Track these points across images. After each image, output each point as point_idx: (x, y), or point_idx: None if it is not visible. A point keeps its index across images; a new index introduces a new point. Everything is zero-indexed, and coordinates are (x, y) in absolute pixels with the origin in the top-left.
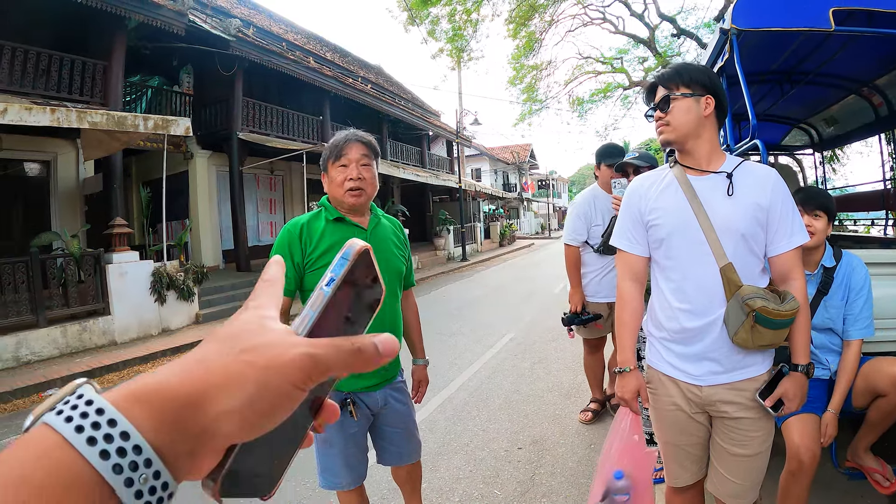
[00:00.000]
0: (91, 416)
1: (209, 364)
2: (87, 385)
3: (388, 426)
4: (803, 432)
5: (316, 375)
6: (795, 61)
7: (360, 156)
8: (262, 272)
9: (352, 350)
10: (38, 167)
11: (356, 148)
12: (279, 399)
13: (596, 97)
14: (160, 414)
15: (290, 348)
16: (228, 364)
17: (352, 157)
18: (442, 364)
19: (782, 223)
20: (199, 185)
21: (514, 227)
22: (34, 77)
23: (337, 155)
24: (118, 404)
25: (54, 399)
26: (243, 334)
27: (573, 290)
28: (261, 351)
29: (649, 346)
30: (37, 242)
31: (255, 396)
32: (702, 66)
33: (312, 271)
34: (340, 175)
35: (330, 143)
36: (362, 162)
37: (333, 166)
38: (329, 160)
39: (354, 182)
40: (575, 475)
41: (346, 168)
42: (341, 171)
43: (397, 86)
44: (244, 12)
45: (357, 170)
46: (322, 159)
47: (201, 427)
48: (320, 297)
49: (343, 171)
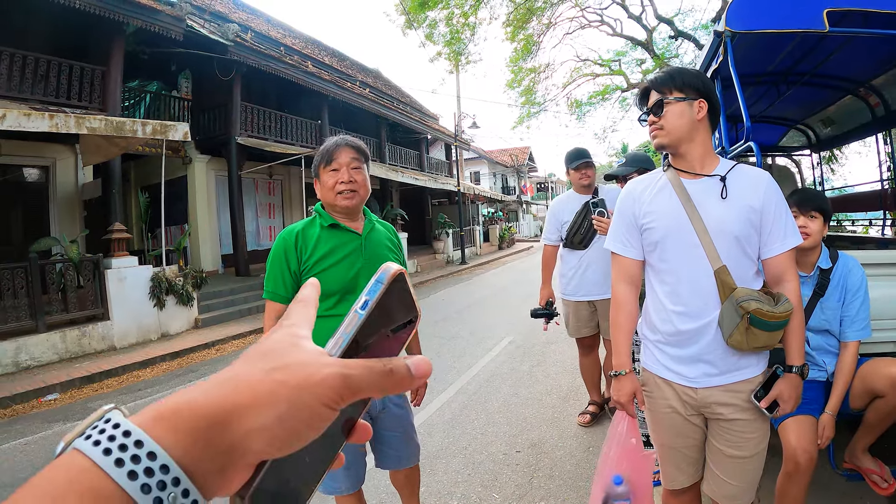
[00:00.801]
0: (118, 439)
1: (239, 382)
2: (115, 410)
3: (386, 430)
4: (800, 434)
5: (348, 396)
6: (791, 62)
7: (350, 159)
8: (297, 293)
9: (384, 371)
10: (37, 172)
11: (346, 152)
12: (310, 418)
13: (594, 100)
14: (187, 432)
15: (322, 368)
16: (259, 382)
17: (342, 161)
18: (441, 367)
19: (776, 225)
20: (197, 189)
21: (514, 230)
22: (33, 83)
23: (328, 160)
24: (145, 425)
25: (84, 425)
26: (275, 353)
27: (542, 285)
28: (293, 370)
29: (644, 348)
30: (36, 248)
31: (285, 415)
32: (694, 71)
33: (308, 278)
34: (332, 179)
35: (321, 150)
36: (353, 165)
37: (325, 171)
38: (320, 166)
39: (346, 185)
40: (573, 478)
41: (337, 172)
42: (332, 175)
43: (395, 89)
44: (242, 17)
45: (348, 173)
46: (314, 166)
47: (230, 444)
48: (354, 319)
49: (334, 175)
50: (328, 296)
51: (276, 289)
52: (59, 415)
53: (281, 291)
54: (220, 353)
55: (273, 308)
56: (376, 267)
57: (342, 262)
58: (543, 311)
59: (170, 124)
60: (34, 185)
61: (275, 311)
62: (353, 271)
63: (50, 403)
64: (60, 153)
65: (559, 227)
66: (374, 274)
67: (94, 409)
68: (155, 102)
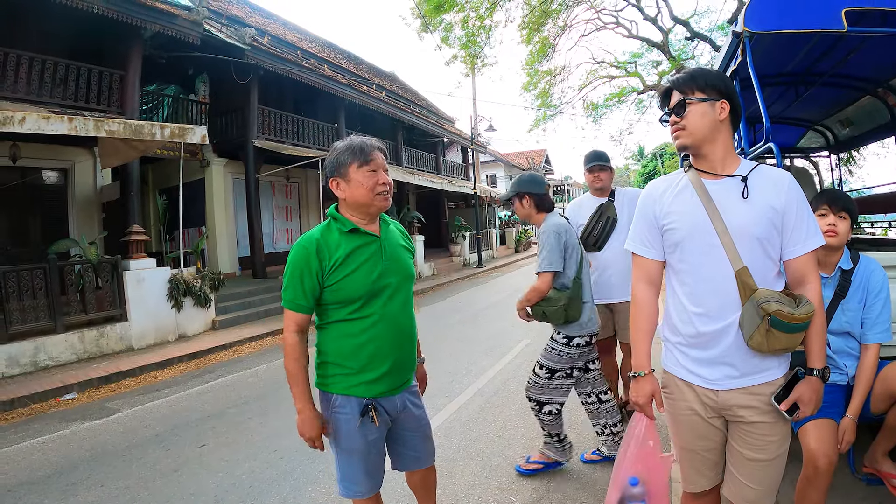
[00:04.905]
0: None
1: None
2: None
3: (407, 430)
4: (820, 438)
5: None
6: (809, 63)
7: (384, 163)
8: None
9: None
10: (57, 175)
11: (381, 155)
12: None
13: (610, 102)
14: None
15: None
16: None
17: (379, 162)
18: (458, 370)
19: (798, 226)
20: (215, 192)
21: (530, 233)
22: (52, 86)
23: (365, 159)
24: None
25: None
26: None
27: None
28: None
29: (665, 350)
30: (55, 249)
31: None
32: (716, 71)
33: (330, 285)
34: (370, 180)
35: (347, 149)
36: (385, 168)
37: (360, 171)
38: (352, 164)
39: (384, 186)
40: (591, 482)
41: (375, 173)
42: (371, 175)
43: (411, 92)
44: (259, 21)
45: (386, 175)
46: (338, 164)
47: None
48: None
49: (373, 176)
50: (353, 301)
51: (296, 298)
52: (76, 414)
53: (301, 301)
54: (237, 354)
55: (293, 318)
56: (396, 268)
57: (364, 265)
58: None
59: (187, 127)
60: (53, 187)
61: (295, 320)
62: (374, 274)
63: (68, 403)
64: (79, 156)
65: (575, 230)
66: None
67: (112, 409)
68: (173, 106)
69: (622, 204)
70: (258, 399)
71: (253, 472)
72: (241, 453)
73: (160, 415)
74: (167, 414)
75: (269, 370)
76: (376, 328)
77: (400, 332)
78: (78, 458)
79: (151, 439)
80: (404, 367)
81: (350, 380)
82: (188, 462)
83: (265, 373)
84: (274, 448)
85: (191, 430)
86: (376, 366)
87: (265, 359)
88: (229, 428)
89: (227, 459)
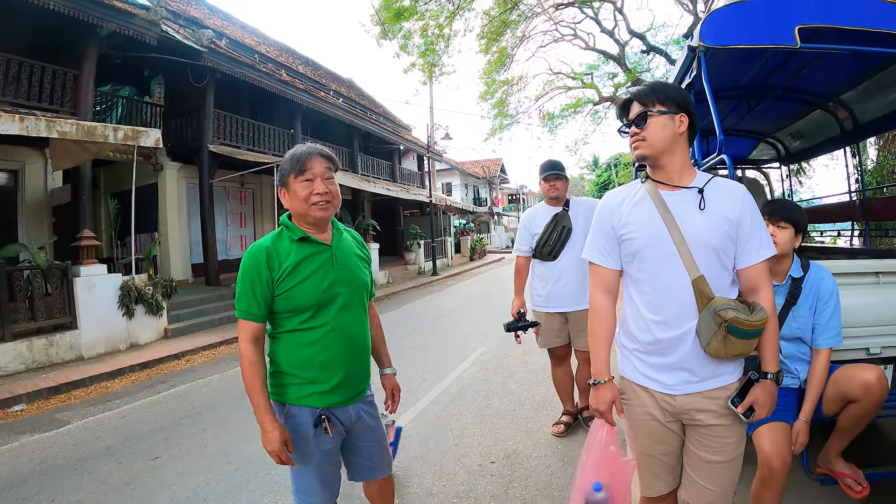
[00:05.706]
0: None
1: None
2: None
3: (362, 441)
4: (774, 441)
5: None
6: (762, 77)
7: (324, 169)
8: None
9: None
10: (6, 177)
11: (319, 161)
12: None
13: (566, 112)
14: None
15: None
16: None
17: (316, 171)
18: (413, 379)
19: (752, 237)
20: (168, 197)
21: (485, 242)
22: (3, 84)
23: (300, 169)
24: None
25: None
26: None
27: (515, 296)
28: None
29: (622, 357)
30: (3, 254)
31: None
32: (676, 86)
33: (280, 293)
34: (305, 190)
35: (289, 158)
36: (326, 176)
37: (297, 181)
38: (290, 175)
39: (322, 196)
40: (549, 488)
41: (311, 182)
42: (306, 185)
43: (369, 99)
44: (217, 23)
45: (323, 184)
46: (281, 174)
47: None
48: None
49: (308, 186)
50: (304, 310)
51: (249, 307)
52: (25, 426)
53: (255, 310)
54: (190, 363)
55: (247, 327)
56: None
57: (314, 274)
58: (518, 325)
59: (141, 130)
60: (2, 189)
61: (249, 330)
62: (325, 283)
63: (17, 414)
64: (30, 157)
65: (530, 239)
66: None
67: (62, 420)
68: (127, 107)
69: (577, 213)
70: (212, 409)
71: (208, 484)
72: (196, 465)
73: (112, 426)
74: (119, 425)
75: (223, 380)
76: (328, 338)
77: (353, 343)
78: (27, 472)
79: (103, 452)
80: (358, 378)
81: (303, 389)
82: (141, 475)
83: (218, 382)
84: (229, 460)
85: (143, 442)
86: (329, 376)
87: (218, 368)
88: (183, 439)
89: (181, 472)
